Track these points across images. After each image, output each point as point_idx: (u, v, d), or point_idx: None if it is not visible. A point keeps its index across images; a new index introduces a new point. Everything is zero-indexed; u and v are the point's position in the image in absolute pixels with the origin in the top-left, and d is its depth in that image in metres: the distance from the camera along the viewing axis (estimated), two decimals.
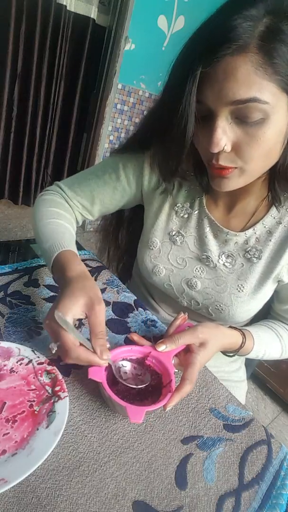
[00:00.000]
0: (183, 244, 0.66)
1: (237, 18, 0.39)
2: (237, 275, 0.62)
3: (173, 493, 0.39)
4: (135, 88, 2.48)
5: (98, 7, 2.31)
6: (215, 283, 0.64)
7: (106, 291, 0.71)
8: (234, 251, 0.63)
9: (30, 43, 2.20)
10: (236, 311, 0.63)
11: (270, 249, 0.60)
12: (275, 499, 0.41)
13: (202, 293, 0.66)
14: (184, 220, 0.66)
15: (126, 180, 0.68)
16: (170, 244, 0.67)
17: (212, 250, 0.64)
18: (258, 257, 0.61)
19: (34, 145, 2.53)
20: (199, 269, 0.65)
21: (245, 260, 0.62)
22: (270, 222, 0.60)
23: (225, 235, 0.63)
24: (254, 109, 0.42)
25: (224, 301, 0.63)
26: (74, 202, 0.71)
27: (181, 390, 0.44)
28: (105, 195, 0.70)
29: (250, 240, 0.61)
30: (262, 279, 0.61)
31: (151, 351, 0.50)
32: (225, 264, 0.63)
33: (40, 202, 0.69)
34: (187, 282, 0.66)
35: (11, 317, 0.57)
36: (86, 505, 0.35)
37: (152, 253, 0.68)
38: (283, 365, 1.60)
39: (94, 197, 0.70)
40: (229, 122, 0.45)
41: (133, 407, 0.40)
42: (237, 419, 0.51)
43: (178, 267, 0.67)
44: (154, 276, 0.69)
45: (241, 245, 0.62)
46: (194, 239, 0.65)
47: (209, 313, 0.67)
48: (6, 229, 2.49)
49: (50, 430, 0.39)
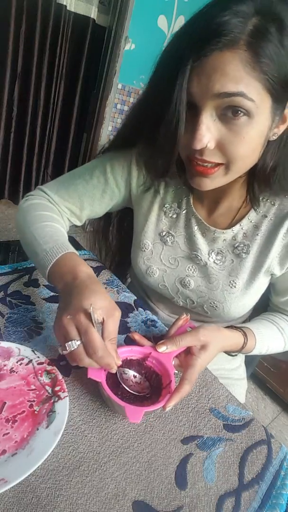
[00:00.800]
0: (174, 244, 0.66)
1: (228, 14, 0.39)
2: (228, 271, 0.63)
3: (173, 493, 0.39)
4: (135, 88, 2.48)
5: (98, 7, 2.31)
6: (207, 281, 0.65)
7: (106, 291, 0.71)
8: (223, 248, 0.63)
9: (30, 43, 2.20)
10: (230, 307, 0.63)
11: (258, 243, 0.61)
12: (275, 499, 0.41)
13: (195, 292, 0.66)
14: (173, 220, 0.66)
15: (114, 183, 0.67)
16: (162, 244, 0.67)
17: (202, 249, 0.64)
18: (247, 252, 0.61)
19: (34, 145, 2.53)
20: (191, 268, 0.66)
21: (234, 256, 0.62)
22: (256, 217, 0.61)
23: (213, 233, 0.63)
24: (239, 104, 0.42)
25: (217, 298, 0.64)
26: (62, 208, 0.69)
27: (180, 390, 0.44)
28: (94, 199, 0.68)
29: (237, 236, 0.62)
30: (253, 273, 0.62)
31: (152, 352, 0.50)
32: (215, 261, 0.64)
33: (28, 206, 0.65)
34: (180, 281, 0.67)
35: (11, 317, 0.57)
36: (86, 505, 0.35)
37: (145, 254, 0.68)
38: (283, 365, 1.60)
39: (83, 202, 0.68)
40: (213, 119, 0.44)
41: (132, 407, 0.40)
42: (237, 419, 0.51)
43: (170, 267, 0.67)
44: (148, 278, 0.69)
45: (230, 241, 0.62)
46: (184, 238, 0.66)
47: (205, 311, 0.67)
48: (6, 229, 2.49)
49: (50, 430, 0.39)
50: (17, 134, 2.46)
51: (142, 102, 0.57)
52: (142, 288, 0.81)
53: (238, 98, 0.41)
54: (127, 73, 2.38)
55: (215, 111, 0.44)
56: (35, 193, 0.70)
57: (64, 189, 0.68)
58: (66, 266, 0.50)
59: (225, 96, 0.42)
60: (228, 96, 0.41)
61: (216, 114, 0.44)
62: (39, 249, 0.54)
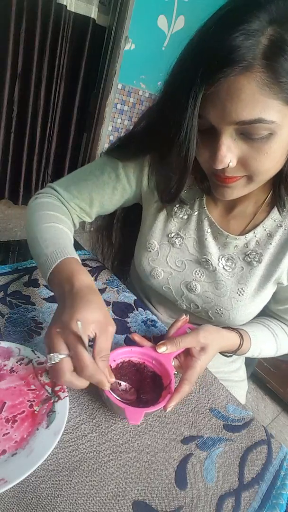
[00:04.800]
0: (182, 246, 0.65)
1: (239, 36, 0.37)
2: (237, 278, 0.62)
3: (173, 493, 0.39)
4: (135, 88, 2.48)
5: (98, 7, 2.31)
6: (214, 287, 0.63)
7: (106, 291, 0.71)
8: (234, 255, 0.62)
9: (30, 43, 2.20)
10: (236, 315, 0.62)
11: (271, 253, 0.59)
12: (275, 499, 0.41)
13: (201, 297, 0.65)
14: (184, 222, 0.64)
15: (126, 179, 0.66)
16: (169, 246, 0.65)
17: (212, 253, 0.62)
18: (259, 261, 0.60)
19: (34, 145, 2.53)
20: (198, 272, 0.64)
21: (245, 263, 0.61)
22: (271, 225, 0.59)
23: (225, 238, 0.62)
24: (260, 129, 0.41)
25: (224, 305, 0.63)
26: (71, 205, 0.68)
27: (180, 391, 0.44)
28: (104, 196, 0.67)
29: (250, 243, 0.60)
30: (262, 282, 0.61)
31: (151, 353, 0.50)
32: (224, 267, 0.62)
33: (36, 205, 0.64)
34: (186, 285, 0.65)
35: (11, 317, 0.57)
36: (86, 505, 0.35)
37: (150, 255, 0.67)
38: (283, 365, 1.60)
39: (93, 199, 0.67)
40: (234, 139, 0.43)
41: (132, 409, 0.40)
42: (237, 419, 0.51)
43: (177, 270, 0.65)
44: (152, 279, 0.68)
45: (241, 248, 0.61)
46: (194, 241, 0.64)
47: (209, 316, 0.66)
48: (6, 229, 2.49)
49: (50, 430, 0.39)
50: (17, 134, 2.46)
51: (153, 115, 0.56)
52: (142, 289, 0.80)
53: (256, 125, 0.40)
54: (127, 73, 2.38)
55: (234, 132, 0.43)
56: (45, 191, 0.70)
57: (74, 186, 0.67)
58: (62, 274, 0.48)
59: (242, 124, 0.41)
60: (245, 124, 0.41)
61: (236, 134, 0.43)
62: (41, 252, 0.53)
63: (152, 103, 0.57)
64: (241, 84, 0.38)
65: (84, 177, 0.68)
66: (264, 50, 0.37)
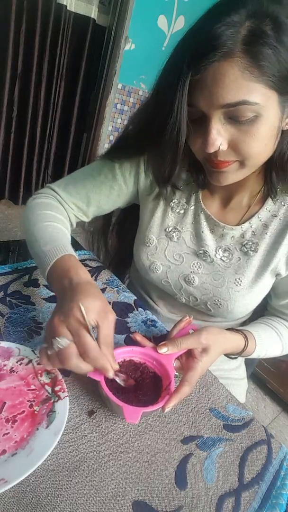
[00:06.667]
0: (180, 240, 0.66)
1: (220, 26, 0.41)
2: (234, 269, 0.63)
3: (173, 493, 0.39)
4: (135, 88, 2.48)
5: (98, 7, 2.31)
6: (212, 278, 0.65)
7: (106, 291, 0.71)
8: (231, 245, 0.63)
9: (30, 43, 2.20)
10: (234, 306, 0.63)
11: (266, 242, 0.61)
12: (275, 499, 0.41)
13: (200, 289, 0.66)
14: (181, 216, 0.66)
15: (122, 179, 0.68)
16: (167, 240, 0.67)
17: (209, 245, 0.64)
18: (255, 250, 0.61)
19: (34, 145, 2.53)
20: (196, 264, 0.66)
21: (241, 253, 0.63)
22: (266, 216, 0.61)
23: (222, 229, 0.63)
24: (245, 110, 0.43)
25: (222, 295, 0.64)
26: (69, 204, 0.69)
27: (180, 391, 0.44)
28: (101, 195, 0.69)
29: (246, 233, 0.62)
30: (259, 272, 0.62)
31: (152, 354, 0.49)
32: (222, 258, 0.64)
33: (34, 205, 0.66)
34: (184, 278, 0.67)
35: (11, 317, 0.57)
36: (86, 505, 0.36)
37: (149, 250, 0.68)
38: (283, 365, 1.60)
39: (90, 198, 0.69)
40: (223, 123, 0.46)
41: (130, 407, 0.40)
42: (237, 419, 0.51)
43: (175, 263, 0.67)
44: (151, 273, 0.69)
45: (238, 238, 0.63)
46: (191, 234, 0.66)
47: (208, 308, 0.67)
48: (6, 229, 2.49)
49: (50, 430, 0.39)
50: (17, 134, 2.46)
51: (146, 113, 0.58)
52: (142, 286, 0.81)
53: (241, 107, 0.43)
54: (127, 73, 2.38)
55: (222, 115, 0.45)
56: (44, 191, 0.71)
57: (72, 186, 0.70)
58: (61, 270, 0.49)
59: (228, 106, 0.43)
60: (231, 106, 0.43)
61: (224, 118, 0.46)
62: (39, 250, 0.54)
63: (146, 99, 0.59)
64: (224, 70, 0.42)
65: (82, 177, 0.70)
66: (243, 38, 0.41)
